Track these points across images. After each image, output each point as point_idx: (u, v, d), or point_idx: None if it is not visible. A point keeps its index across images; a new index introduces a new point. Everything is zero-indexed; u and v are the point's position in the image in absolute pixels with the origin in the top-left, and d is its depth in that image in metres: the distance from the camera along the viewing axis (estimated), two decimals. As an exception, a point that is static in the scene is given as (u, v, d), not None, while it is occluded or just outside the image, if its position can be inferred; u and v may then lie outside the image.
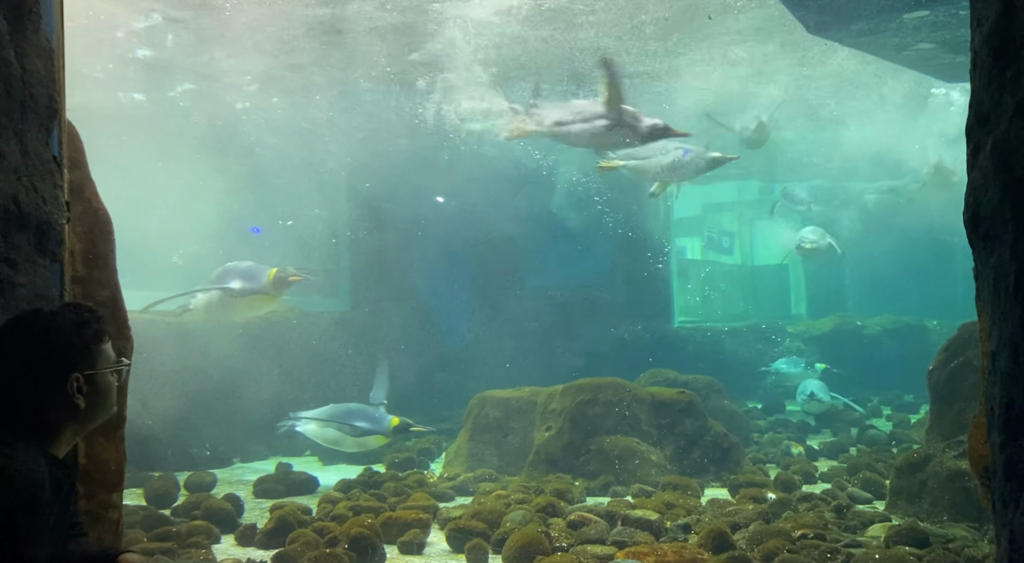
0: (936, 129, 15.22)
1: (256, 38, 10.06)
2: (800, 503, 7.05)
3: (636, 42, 11.04)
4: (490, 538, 5.98)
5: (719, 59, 11.79)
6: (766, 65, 12.11)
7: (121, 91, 11.62)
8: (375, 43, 10.49)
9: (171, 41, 10.20)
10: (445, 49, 10.67)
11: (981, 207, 2.44)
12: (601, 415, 8.82)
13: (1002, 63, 2.31)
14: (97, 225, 4.30)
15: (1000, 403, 2.39)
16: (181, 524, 6.08)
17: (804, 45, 10.79)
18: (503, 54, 11.06)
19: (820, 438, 11.46)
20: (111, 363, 2.67)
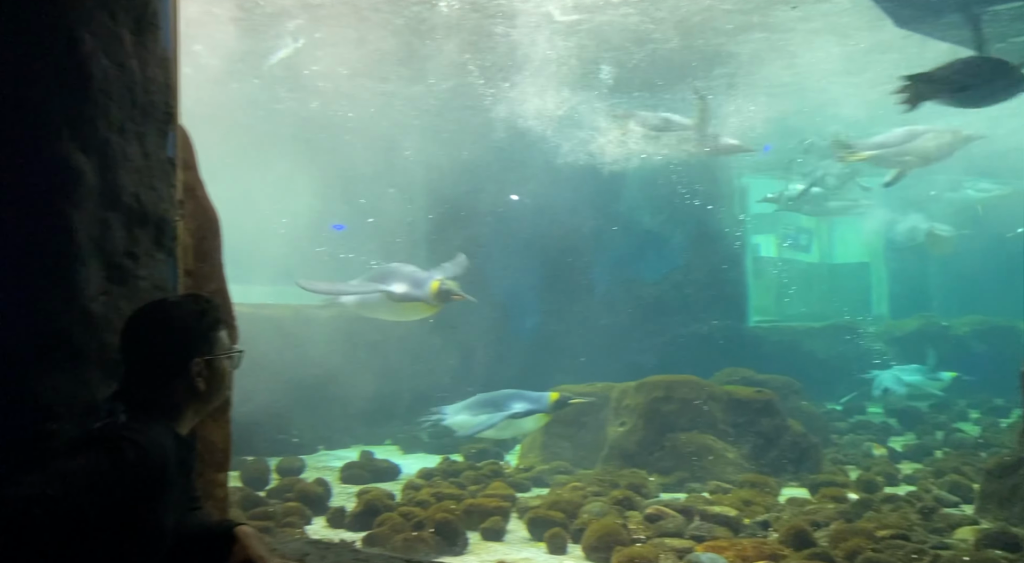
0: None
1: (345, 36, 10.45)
2: (883, 504, 6.92)
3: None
4: (569, 528, 6.10)
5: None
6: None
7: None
8: (453, 40, 10.76)
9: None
10: (524, 47, 10.86)
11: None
12: (676, 412, 8.83)
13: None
14: (206, 222, 4.60)
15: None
16: (277, 505, 6.42)
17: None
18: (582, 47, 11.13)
19: (903, 440, 11.15)
20: (226, 349, 2.88)
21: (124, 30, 3.37)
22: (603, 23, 10.45)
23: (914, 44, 9.42)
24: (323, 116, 13.33)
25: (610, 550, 5.45)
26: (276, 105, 13.09)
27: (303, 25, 10.25)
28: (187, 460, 2.80)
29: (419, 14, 10.00)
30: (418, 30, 10.48)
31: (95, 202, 3.10)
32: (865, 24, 10.23)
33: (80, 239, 2.98)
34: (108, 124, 3.19)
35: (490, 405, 8.83)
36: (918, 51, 9.75)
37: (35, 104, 2.89)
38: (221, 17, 9.88)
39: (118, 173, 3.26)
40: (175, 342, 2.67)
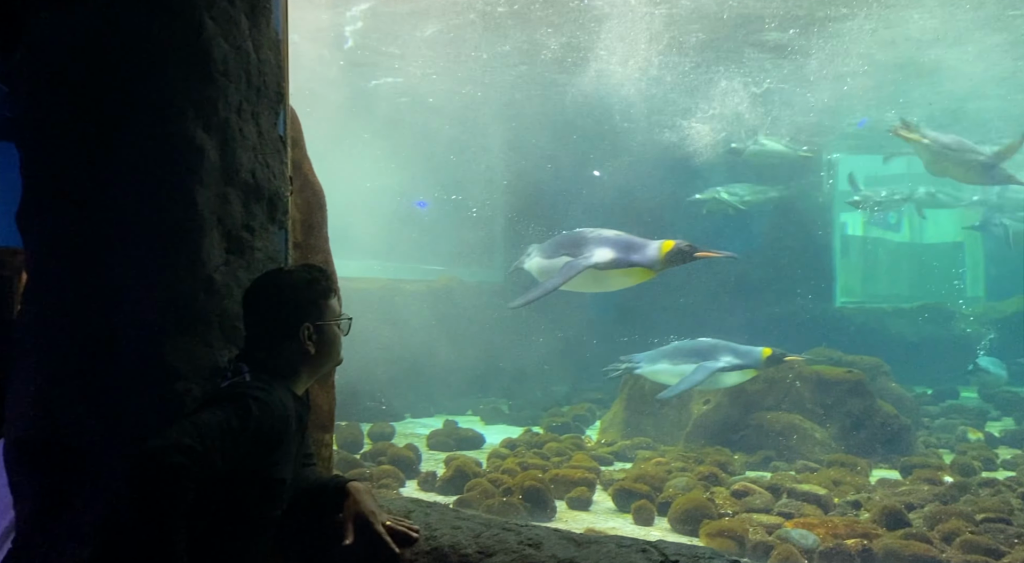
0: None
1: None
2: (981, 488, 6.71)
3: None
4: (654, 500, 6.16)
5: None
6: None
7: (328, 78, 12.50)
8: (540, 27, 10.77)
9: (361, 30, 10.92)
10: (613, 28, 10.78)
11: None
12: (762, 391, 8.73)
13: None
14: (313, 197, 4.82)
15: None
16: (372, 467, 6.71)
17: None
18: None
19: (1001, 425, 10.70)
20: (336, 316, 3.03)
21: (241, 14, 3.56)
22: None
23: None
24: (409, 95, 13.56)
25: (698, 523, 5.49)
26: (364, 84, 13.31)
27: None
28: (303, 418, 2.98)
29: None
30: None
31: (216, 178, 3.30)
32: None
33: (204, 213, 3.18)
34: (227, 105, 3.38)
35: (693, 355, 8.11)
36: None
37: (165, 87, 3.09)
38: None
39: (236, 151, 3.45)
40: (287, 308, 2.81)
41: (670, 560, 2.95)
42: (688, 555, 2.99)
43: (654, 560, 2.98)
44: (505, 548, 3.17)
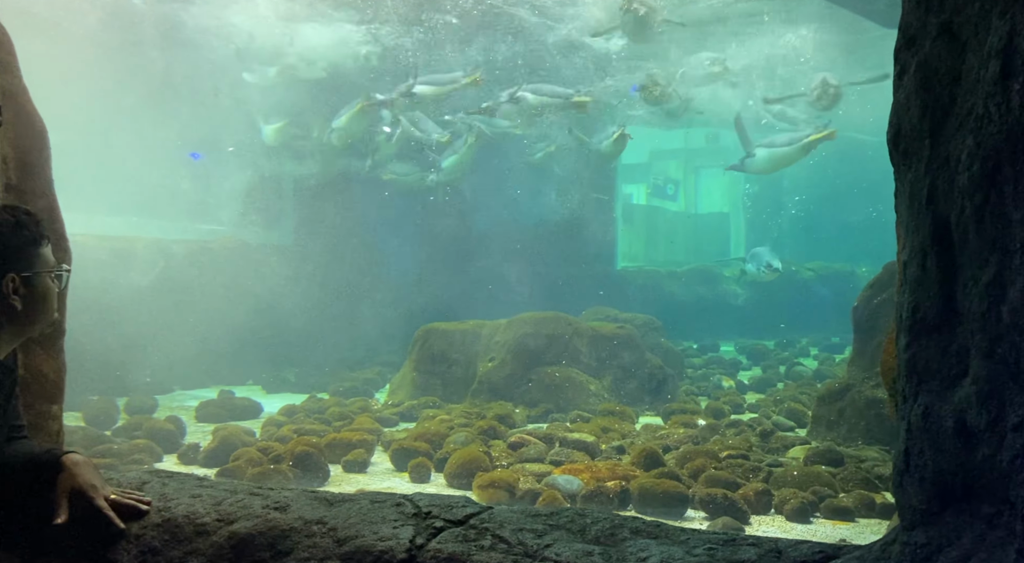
0: None
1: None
2: (728, 429, 7.44)
3: None
4: (433, 458, 6.17)
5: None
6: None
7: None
8: None
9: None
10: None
11: (903, 125, 2.60)
12: (543, 347, 9.06)
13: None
14: (31, 133, 4.19)
15: (907, 308, 2.59)
16: (123, 443, 6.08)
17: None
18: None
19: (750, 374, 11.98)
20: (50, 267, 2.64)
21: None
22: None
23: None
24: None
25: (471, 476, 5.56)
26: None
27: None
28: (5, 384, 2.58)
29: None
30: None
31: None
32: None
33: None
34: None
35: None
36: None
37: None
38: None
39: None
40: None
41: (423, 511, 2.91)
42: (441, 505, 2.96)
43: (408, 513, 2.92)
44: (248, 514, 2.96)
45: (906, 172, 2.63)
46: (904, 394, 2.63)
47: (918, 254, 2.54)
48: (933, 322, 2.44)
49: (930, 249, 2.46)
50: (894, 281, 7.74)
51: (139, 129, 11.05)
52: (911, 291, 2.57)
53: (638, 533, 2.60)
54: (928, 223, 2.45)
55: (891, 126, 2.70)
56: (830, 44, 14.43)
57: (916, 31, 2.54)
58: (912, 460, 2.50)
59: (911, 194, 2.58)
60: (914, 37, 2.55)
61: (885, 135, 2.78)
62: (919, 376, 2.53)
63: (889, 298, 7.54)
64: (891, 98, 2.78)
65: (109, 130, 10.23)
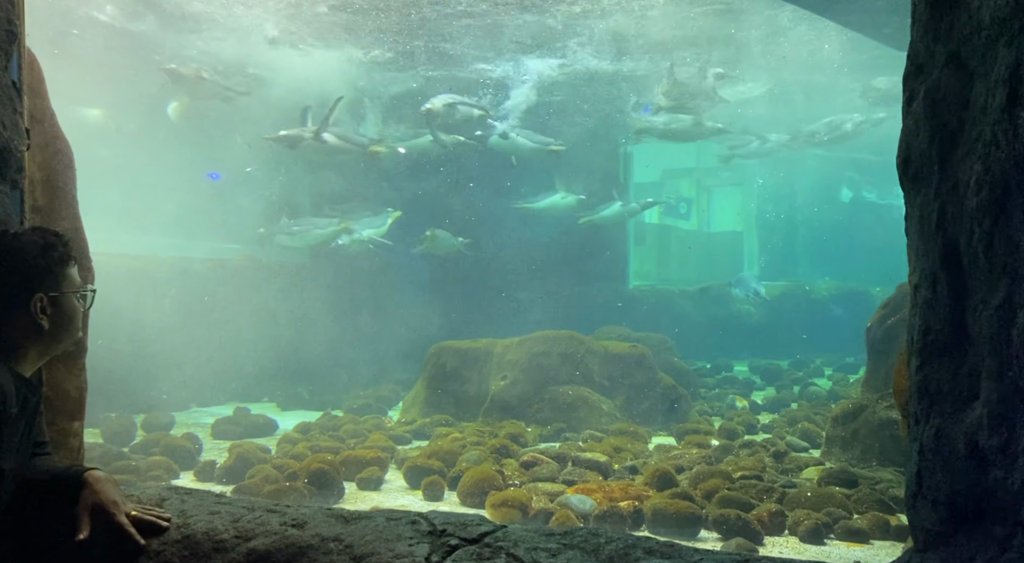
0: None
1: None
2: (741, 449, 7.41)
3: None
4: (446, 476, 6.19)
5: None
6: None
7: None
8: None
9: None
10: None
11: (912, 151, 2.64)
12: (556, 366, 9.08)
13: (937, 15, 2.48)
14: (58, 155, 4.28)
15: (919, 330, 2.62)
16: (140, 460, 6.15)
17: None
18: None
19: (763, 394, 11.93)
20: (76, 287, 2.71)
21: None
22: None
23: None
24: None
25: (484, 495, 5.58)
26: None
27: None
28: (30, 400, 2.64)
29: None
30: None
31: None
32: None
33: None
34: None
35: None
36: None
37: None
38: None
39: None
40: (15, 275, 2.50)
41: (438, 529, 2.94)
42: (456, 523, 2.99)
43: (423, 531, 2.95)
44: (266, 531, 3.00)
45: (915, 197, 2.67)
46: (916, 416, 2.65)
47: (928, 277, 2.57)
48: (944, 345, 2.47)
49: (940, 273, 2.50)
50: (907, 301, 7.75)
51: (159, 150, 11.25)
52: (922, 314, 2.60)
53: (651, 553, 2.62)
54: (938, 247, 2.49)
55: (900, 151, 2.74)
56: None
57: (924, 59, 2.59)
58: (925, 482, 2.52)
59: (921, 218, 2.62)
60: (922, 65, 2.60)
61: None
62: (931, 398, 2.56)
63: (903, 319, 7.52)
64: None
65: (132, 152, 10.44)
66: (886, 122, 15.50)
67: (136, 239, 10.58)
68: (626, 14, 11.97)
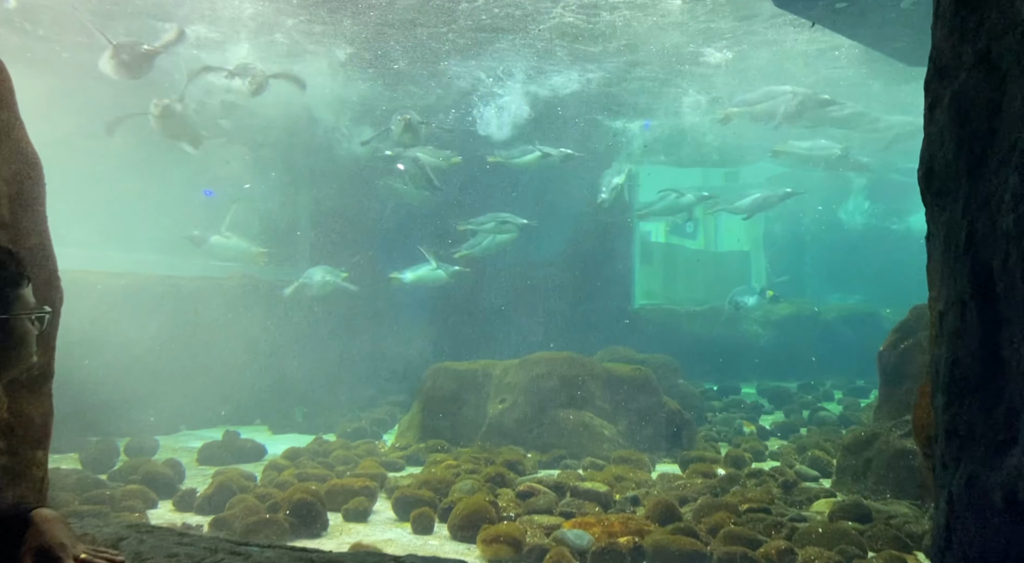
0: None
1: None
2: (749, 479, 7.08)
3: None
4: (437, 507, 5.89)
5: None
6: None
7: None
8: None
9: None
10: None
11: (936, 163, 2.38)
12: (556, 389, 8.77)
13: (964, 12, 2.23)
14: (26, 169, 4.06)
15: (945, 363, 2.34)
16: (116, 488, 5.86)
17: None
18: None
19: (772, 418, 11.59)
20: (29, 309, 2.47)
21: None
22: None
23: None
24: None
25: (476, 528, 5.28)
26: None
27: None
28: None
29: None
30: None
31: None
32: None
33: None
34: None
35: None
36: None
37: None
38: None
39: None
40: None
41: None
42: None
43: (396, 579, 2.68)
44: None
45: (940, 214, 2.40)
46: (943, 460, 2.36)
47: (956, 304, 2.30)
48: (975, 381, 2.19)
49: (970, 299, 2.22)
50: (921, 325, 7.44)
51: (151, 166, 11.06)
52: (949, 345, 2.32)
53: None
54: (967, 270, 2.21)
55: (922, 163, 2.47)
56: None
57: (949, 61, 2.32)
58: (955, 536, 2.22)
59: (946, 237, 2.35)
60: (947, 67, 2.34)
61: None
62: (960, 441, 2.27)
63: (917, 343, 7.22)
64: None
65: (122, 167, 10.23)
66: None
67: (126, 256, 10.36)
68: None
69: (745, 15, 10.67)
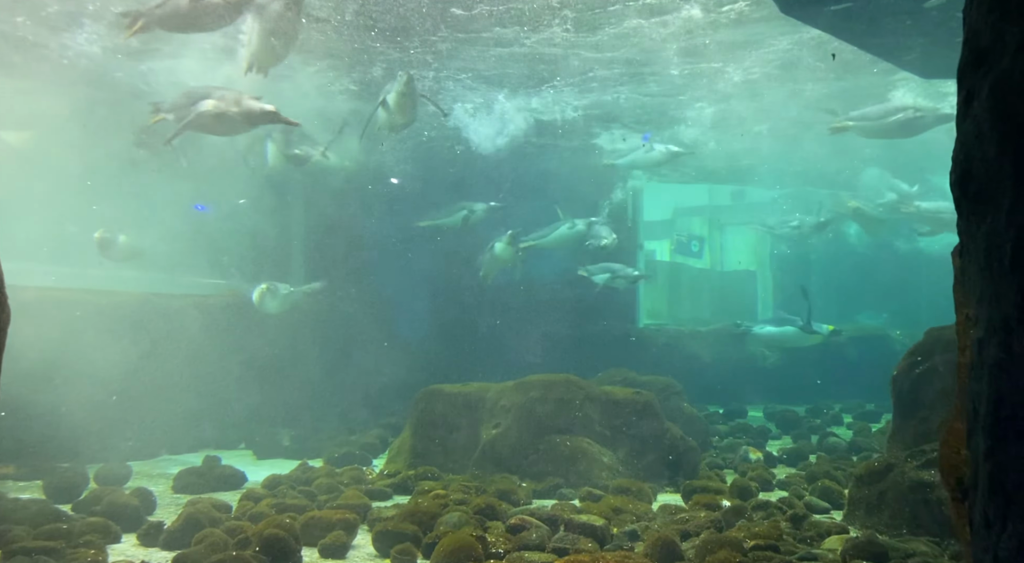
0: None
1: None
2: (755, 511, 6.67)
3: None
4: (421, 542, 5.50)
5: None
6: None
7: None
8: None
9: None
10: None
11: (973, 164, 2.03)
12: (552, 413, 8.39)
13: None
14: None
15: (988, 402, 1.97)
16: (76, 521, 5.49)
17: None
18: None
19: (780, 444, 11.16)
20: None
21: None
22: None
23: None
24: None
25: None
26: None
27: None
28: None
29: None
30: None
31: None
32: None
33: None
34: None
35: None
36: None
37: None
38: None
39: None
40: None
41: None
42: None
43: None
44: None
45: (979, 223, 2.04)
46: (987, 517, 1.98)
47: (999, 331, 1.93)
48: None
49: (1017, 325, 1.86)
50: (938, 349, 7.03)
51: (136, 179, 10.76)
52: (992, 379, 1.95)
53: None
54: (1014, 290, 1.85)
55: (956, 165, 2.12)
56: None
57: (989, 43, 1.98)
58: (1005, 614, 1.85)
59: (988, 251, 1.98)
60: (986, 51, 1.99)
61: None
62: (1008, 495, 1.89)
63: (933, 368, 6.82)
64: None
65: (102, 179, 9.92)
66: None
67: (105, 273, 10.03)
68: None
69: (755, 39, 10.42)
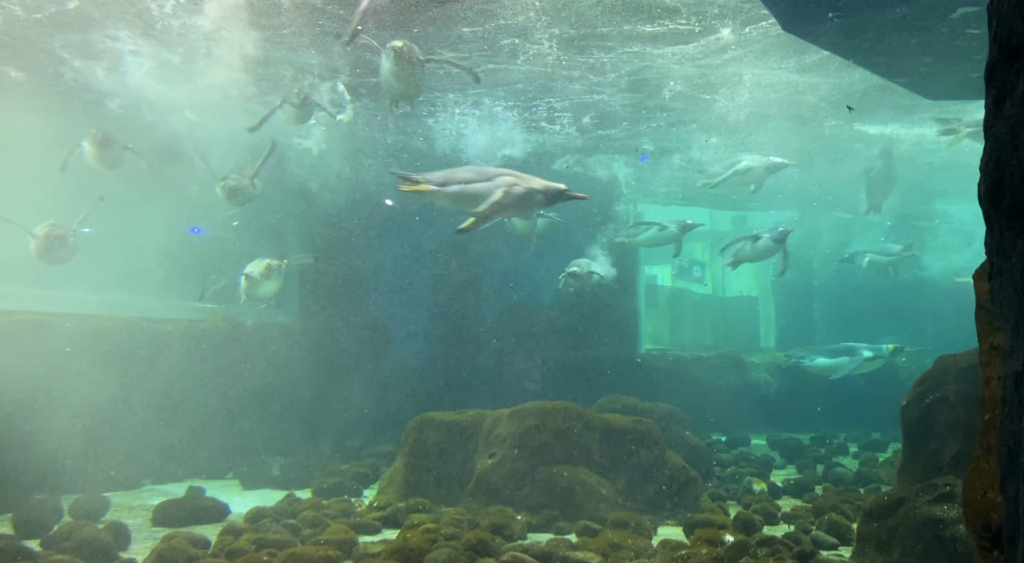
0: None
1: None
2: (760, 547, 6.36)
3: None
4: (406, 581, 5.21)
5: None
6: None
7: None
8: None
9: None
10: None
11: (1006, 173, 1.79)
12: (549, 442, 8.09)
13: (1041, -30, 1.67)
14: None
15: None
16: (42, 559, 5.20)
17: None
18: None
19: (784, 474, 10.83)
20: None
21: None
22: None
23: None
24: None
25: (446, 611, 4.60)
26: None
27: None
28: None
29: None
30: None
31: None
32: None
33: None
34: None
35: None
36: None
37: None
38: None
39: None
40: None
41: None
42: None
43: None
44: None
45: (1014, 240, 1.80)
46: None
47: (1042, 363, 1.69)
48: (1081, 474, 1.57)
49: (1064, 356, 1.62)
50: (947, 377, 6.76)
51: (127, 200, 10.56)
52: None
53: None
54: (1060, 316, 1.62)
55: (986, 175, 1.89)
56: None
57: (1023, 39, 1.76)
58: None
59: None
60: (1019, 47, 1.77)
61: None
62: (1056, 555, 1.64)
63: (944, 398, 6.54)
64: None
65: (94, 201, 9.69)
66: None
67: (94, 297, 9.80)
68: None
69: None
